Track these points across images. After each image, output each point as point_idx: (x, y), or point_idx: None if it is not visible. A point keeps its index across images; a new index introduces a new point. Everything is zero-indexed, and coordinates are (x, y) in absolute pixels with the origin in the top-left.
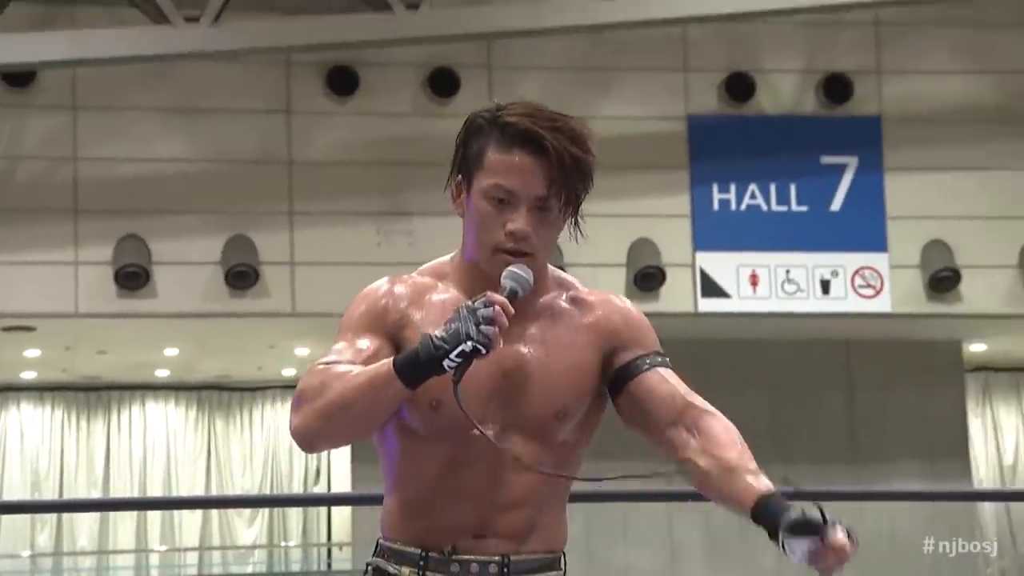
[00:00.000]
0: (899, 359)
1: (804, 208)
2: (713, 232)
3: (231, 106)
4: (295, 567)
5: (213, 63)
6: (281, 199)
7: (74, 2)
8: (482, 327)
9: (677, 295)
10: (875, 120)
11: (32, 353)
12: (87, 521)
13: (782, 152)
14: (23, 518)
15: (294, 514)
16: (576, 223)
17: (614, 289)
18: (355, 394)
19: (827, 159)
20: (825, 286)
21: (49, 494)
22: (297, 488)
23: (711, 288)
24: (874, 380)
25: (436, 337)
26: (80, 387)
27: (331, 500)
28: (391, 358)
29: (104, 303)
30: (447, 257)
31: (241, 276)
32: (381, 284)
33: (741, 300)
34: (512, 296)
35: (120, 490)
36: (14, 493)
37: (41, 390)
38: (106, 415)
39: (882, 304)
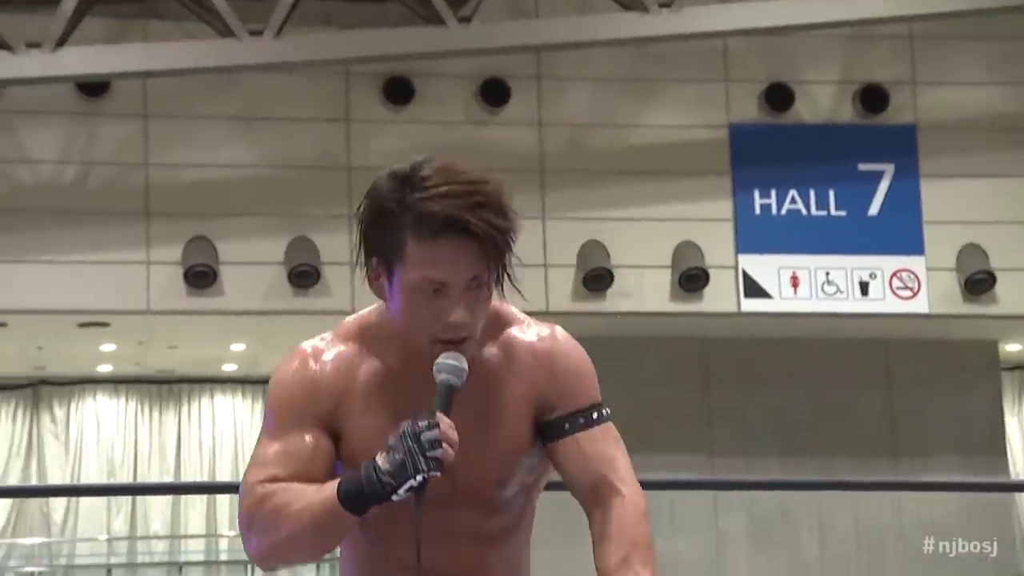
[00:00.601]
0: (936, 358)
1: (843, 213)
2: (755, 235)
3: (293, 115)
4: None
5: (276, 74)
6: (341, 202)
7: (146, 16)
8: (429, 454)
9: (721, 295)
10: (911, 128)
11: (107, 348)
12: (160, 507)
13: (821, 159)
14: (100, 505)
15: None
16: (502, 280)
17: (658, 291)
18: (303, 533)
19: (864, 166)
20: (864, 287)
21: (124, 482)
22: None
23: (753, 289)
24: (912, 378)
25: (381, 472)
26: (152, 380)
27: None
28: (334, 487)
29: (174, 300)
30: (370, 313)
31: (303, 276)
32: (304, 365)
33: (782, 300)
34: (451, 391)
35: (191, 478)
36: (91, 480)
37: (116, 383)
38: (177, 407)
39: (919, 305)
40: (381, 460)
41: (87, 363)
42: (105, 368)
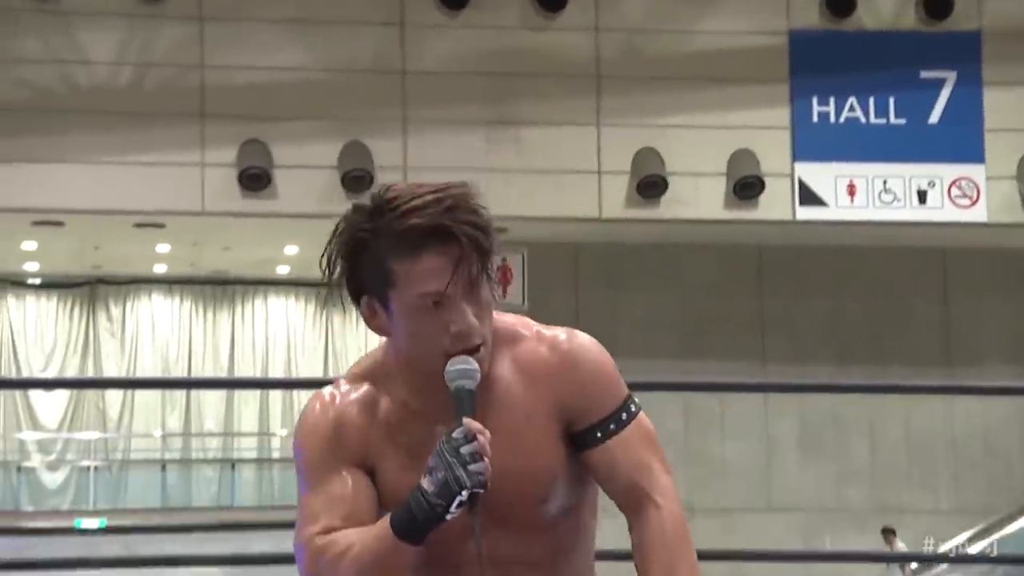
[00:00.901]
0: (993, 268)
1: (902, 120)
2: (812, 143)
3: (349, 18)
4: None
5: None
6: (395, 107)
7: None
8: (471, 468)
9: (776, 203)
10: (975, 35)
11: (162, 248)
12: (214, 406)
13: (881, 66)
14: (155, 402)
15: None
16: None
17: (713, 199)
18: (368, 567)
19: (926, 73)
20: (922, 196)
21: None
22: None
23: (809, 197)
24: (968, 288)
25: (428, 494)
26: (207, 281)
27: None
28: (386, 522)
29: (228, 202)
30: (378, 351)
31: (357, 180)
32: (318, 419)
33: (839, 209)
34: (469, 396)
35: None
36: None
37: (171, 283)
38: (231, 308)
39: (978, 214)
40: (426, 483)
41: (143, 263)
42: (160, 268)
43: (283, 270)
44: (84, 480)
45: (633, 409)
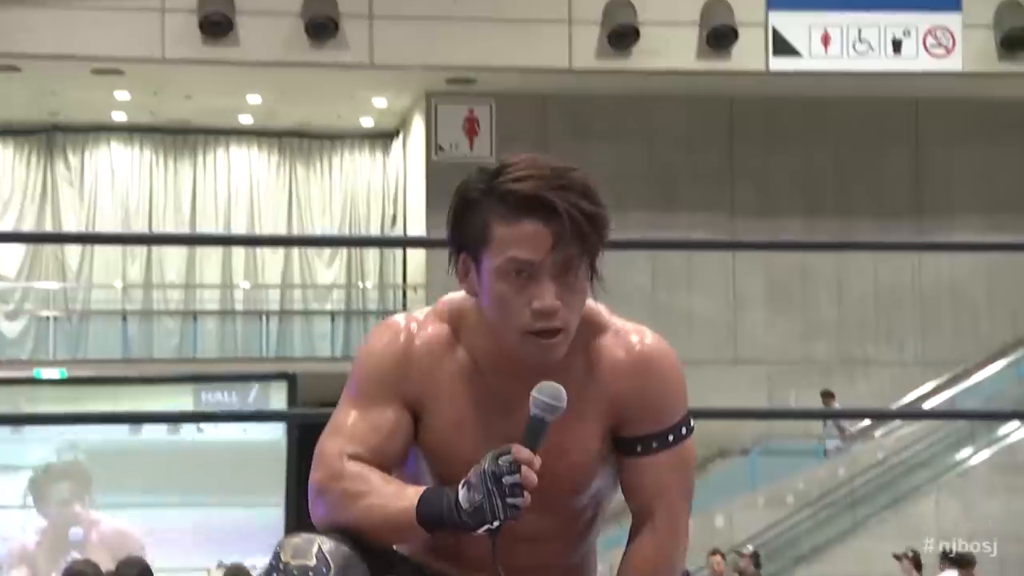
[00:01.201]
0: (967, 118)
1: None
2: None
3: None
4: (372, 306)
5: None
6: None
7: None
8: (509, 501)
9: (749, 54)
10: None
11: (122, 96)
12: (175, 257)
13: None
14: (115, 252)
15: (371, 256)
16: (593, 279)
17: (685, 49)
18: (371, 528)
19: None
20: (896, 45)
21: (139, 231)
22: (374, 232)
23: (783, 47)
24: (941, 137)
25: (462, 512)
26: (168, 130)
27: (407, 242)
28: (414, 501)
29: (189, 49)
30: (470, 301)
31: (320, 27)
32: (397, 340)
33: (812, 59)
34: (541, 429)
35: (206, 230)
36: (106, 228)
37: (131, 131)
38: (192, 158)
39: (953, 63)
40: (462, 497)
41: (101, 111)
42: (120, 116)
43: (246, 119)
44: (43, 330)
45: (683, 432)
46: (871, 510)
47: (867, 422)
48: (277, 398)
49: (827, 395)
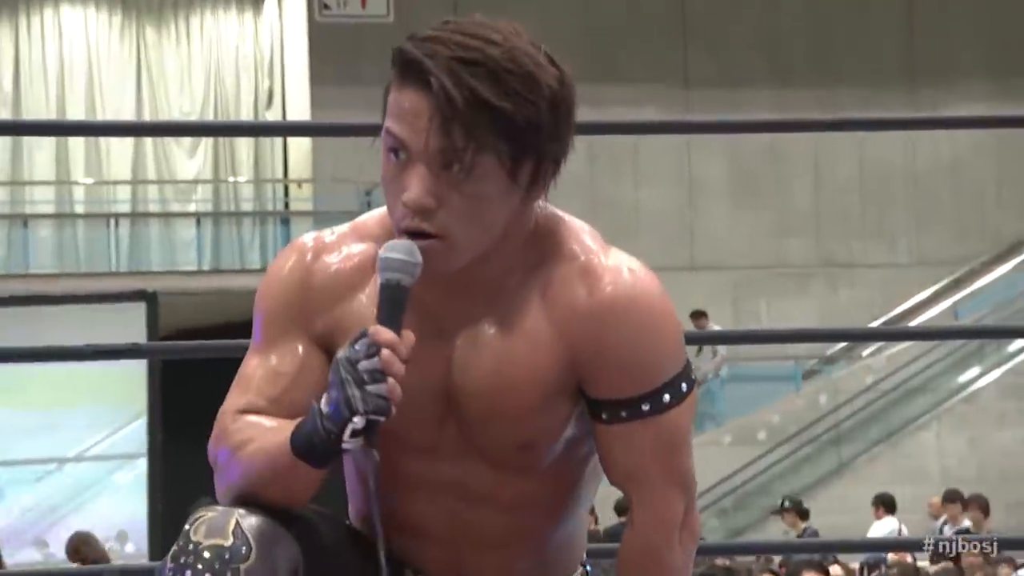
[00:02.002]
0: None
1: None
2: None
3: None
4: (246, 206)
5: None
6: None
7: None
8: (368, 388)
9: None
10: None
11: None
12: None
13: None
14: None
15: (243, 145)
16: (533, 187)
17: None
18: (260, 479)
19: None
20: None
21: None
22: (246, 115)
23: None
24: None
25: (323, 415)
26: None
27: (287, 129)
28: (288, 433)
29: None
30: (380, 212)
31: None
32: (300, 263)
33: None
34: (396, 295)
35: (34, 111)
36: None
37: None
38: (13, 19)
39: None
40: (324, 401)
41: None
42: None
43: None
44: None
45: (665, 400)
46: (859, 447)
47: None
48: (133, 324)
49: (699, 315)
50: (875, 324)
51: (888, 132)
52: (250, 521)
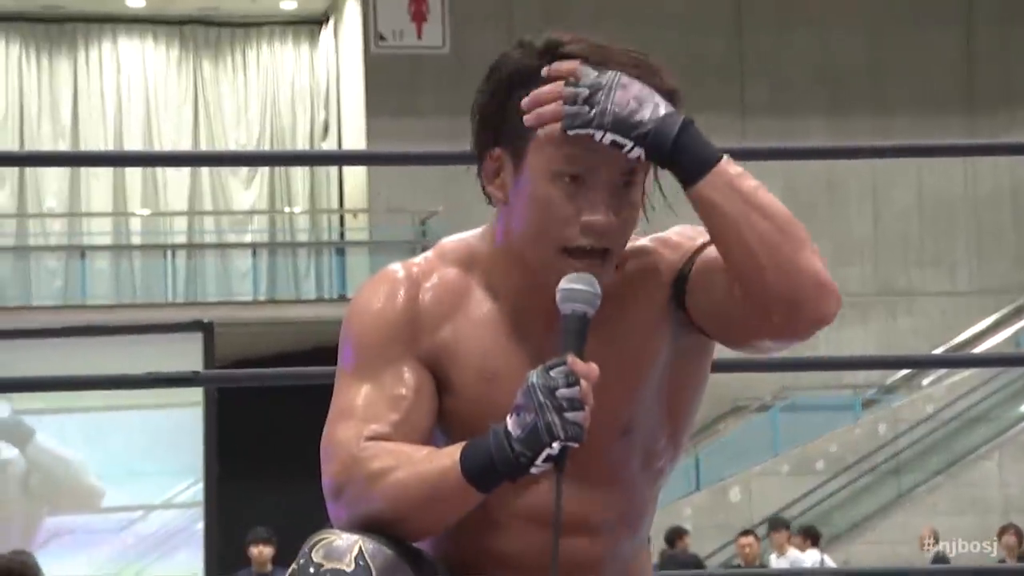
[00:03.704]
0: None
1: None
2: None
3: None
4: (301, 236)
5: None
6: None
7: None
8: (567, 416)
9: None
10: None
11: None
12: (55, 178)
13: None
14: None
15: (299, 175)
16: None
17: None
18: (413, 510)
19: None
20: None
21: (8, 144)
22: (302, 145)
23: None
24: (997, 13)
25: (513, 440)
26: (40, 18)
27: (343, 159)
28: (454, 456)
29: None
30: (475, 234)
31: None
32: (398, 290)
33: None
34: (582, 326)
35: (91, 143)
36: None
37: None
38: (72, 52)
39: None
40: (511, 424)
41: None
42: None
43: (136, 3)
44: None
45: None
46: (919, 477)
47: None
48: (189, 354)
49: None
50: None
51: (947, 161)
52: (371, 549)
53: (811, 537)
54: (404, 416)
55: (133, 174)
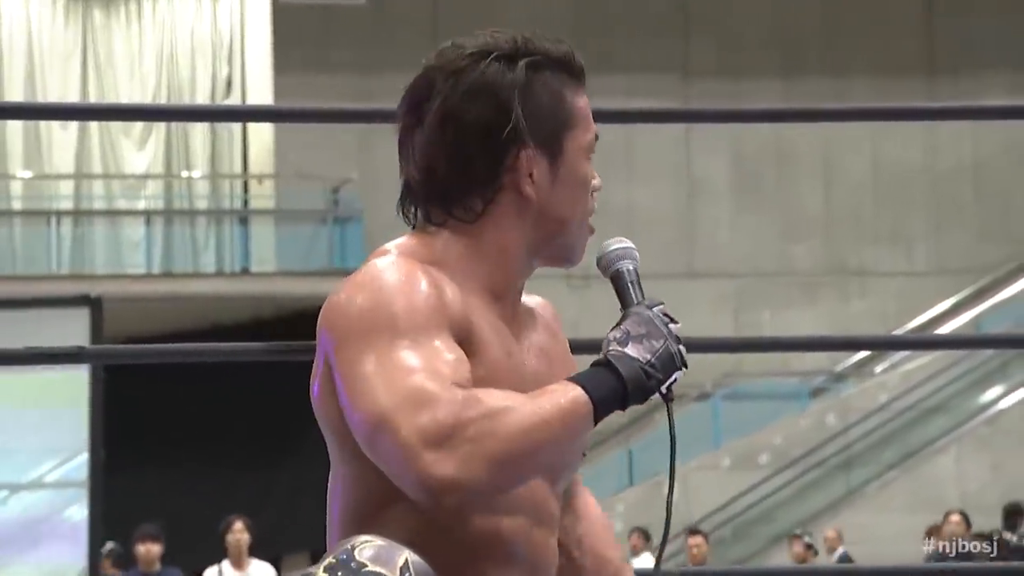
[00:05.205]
0: None
1: None
2: None
3: None
4: (200, 204)
5: None
6: None
7: None
8: (681, 347)
9: None
10: None
11: None
12: None
13: None
14: None
15: (199, 136)
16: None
17: None
18: (548, 437)
19: None
20: None
21: None
22: (202, 101)
23: None
24: None
25: (645, 364)
26: None
27: (248, 114)
28: (572, 390)
29: None
30: (410, 241)
31: None
32: (409, 271)
33: None
34: (638, 276)
35: None
36: None
37: None
38: None
39: None
40: (638, 351)
41: None
42: None
43: None
44: None
45: None
46: (871, 472)
47: (864, 354)
48: (74, 331)
49: None
50: None
51: (905, 129)
52: (418, 563)
53: (646, 536)
54: (468, 376)
55: (14, 133)
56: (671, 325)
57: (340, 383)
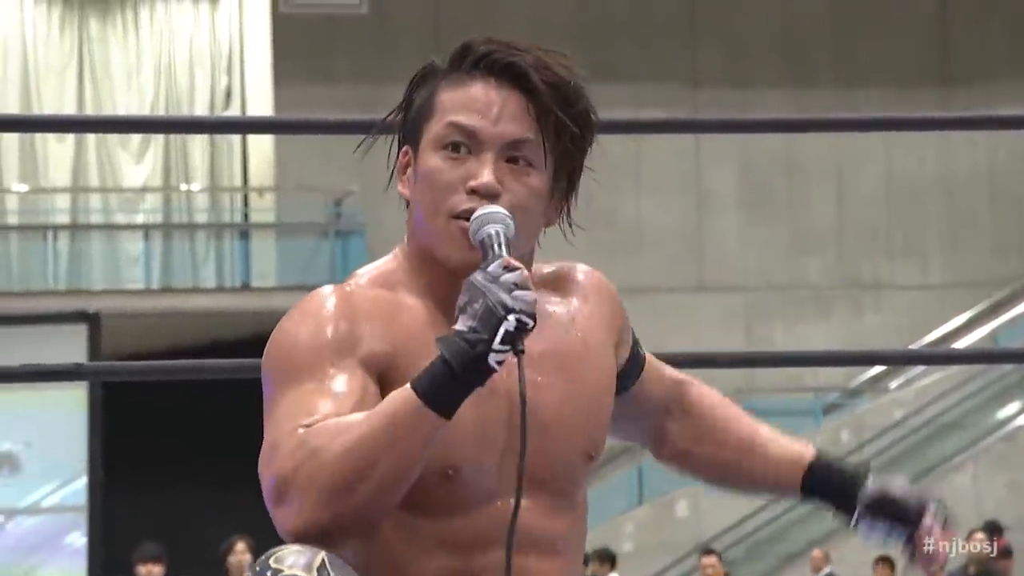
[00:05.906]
0: None
1: None
2: None
3: None
4: (200, 217)
5: None
6: None
7: None
8: (516, 294)
9: None
10: None
11: None
12: None
13: None
14: None
15: (198, 148)
16: (567, 200)
17: None
18: (375, 449)
19: None
20: None
21: None
22: (201, 113)
23: None
24: None
25: (464, 330)
26: None
27: (248, 126)
28: (405, 391)
29: None
30: (387, 258)
31: None
32: (326, 299)
33: None
34: (500, 240)
35: None
36: None
37: None
38: None
39: None
40: (460, 323)
41: None
42: None
43: None
44: None
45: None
46: None
47: (878, 369)
48: (72, 348)
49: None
50: None
51: (918, 139)
52: (335, 560)
53: (609, 560)
54: (345, 411)
55: (9, 146)
56: (505, 276)
57: None
